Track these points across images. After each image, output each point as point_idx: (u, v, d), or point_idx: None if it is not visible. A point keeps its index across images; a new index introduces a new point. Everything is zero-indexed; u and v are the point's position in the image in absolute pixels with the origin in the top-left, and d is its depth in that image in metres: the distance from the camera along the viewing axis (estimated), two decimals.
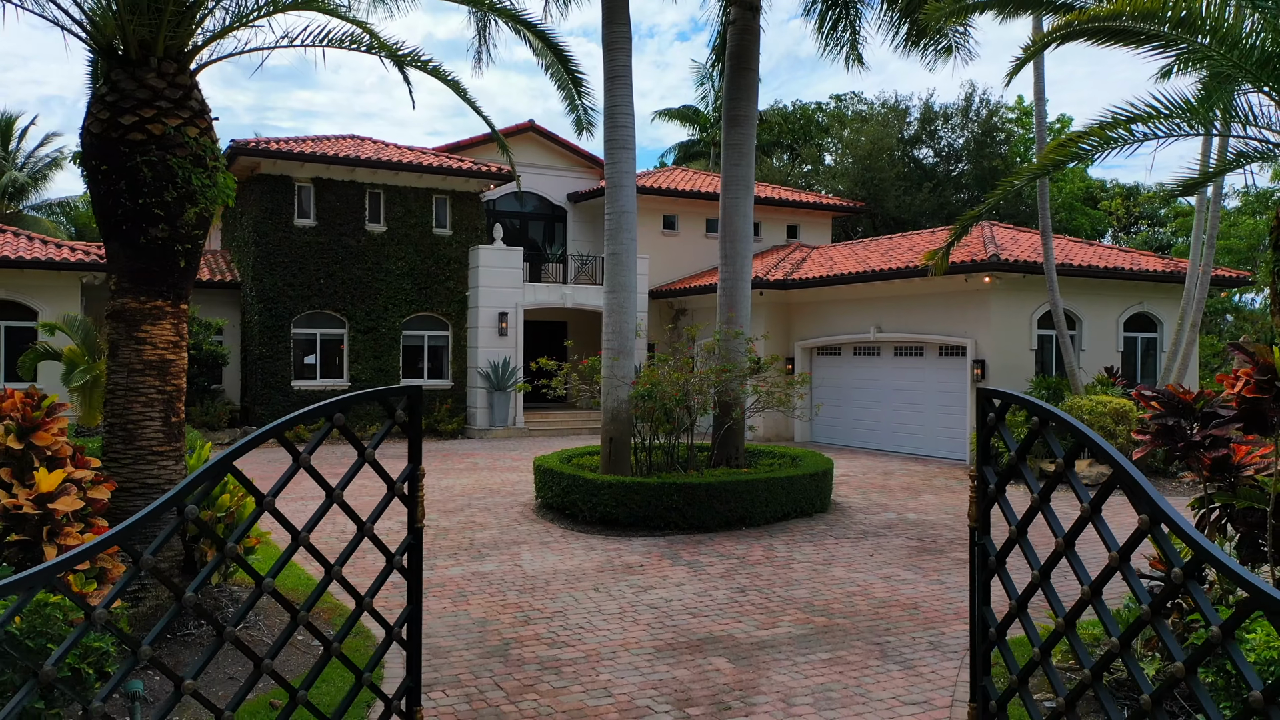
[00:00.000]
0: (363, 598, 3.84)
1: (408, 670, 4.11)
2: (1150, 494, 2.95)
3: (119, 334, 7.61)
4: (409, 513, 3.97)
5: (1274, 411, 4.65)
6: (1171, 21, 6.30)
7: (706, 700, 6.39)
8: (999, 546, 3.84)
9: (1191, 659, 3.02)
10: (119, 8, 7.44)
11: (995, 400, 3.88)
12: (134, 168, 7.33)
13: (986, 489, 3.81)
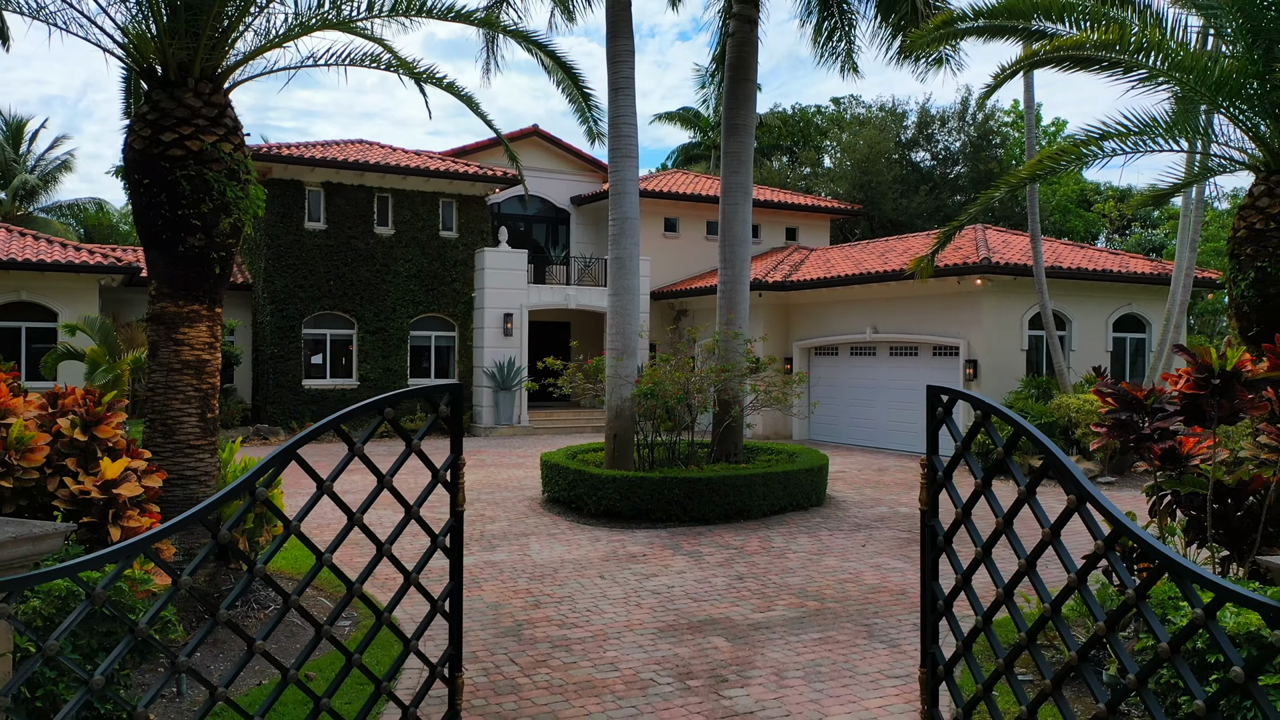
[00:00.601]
0: (410, 573, 4.39)
1: (450, 640, 4.64)
2: (1078, 478, 3.51)
3: (159, 336, 8.17)
4: (451, 498, 4.52)
5: (1211, 406, 5.20)
6: (1132, 50, 6.86)
7: (705, 674, 6.94)
8: (946, 527, 4.39)
9: (1111, 618, 3.58)
10: (160, 32, 8.01)
11: (942, 396, 4.43)
12: (173, 181, 7.88)
13: (935, 476, 4.36)
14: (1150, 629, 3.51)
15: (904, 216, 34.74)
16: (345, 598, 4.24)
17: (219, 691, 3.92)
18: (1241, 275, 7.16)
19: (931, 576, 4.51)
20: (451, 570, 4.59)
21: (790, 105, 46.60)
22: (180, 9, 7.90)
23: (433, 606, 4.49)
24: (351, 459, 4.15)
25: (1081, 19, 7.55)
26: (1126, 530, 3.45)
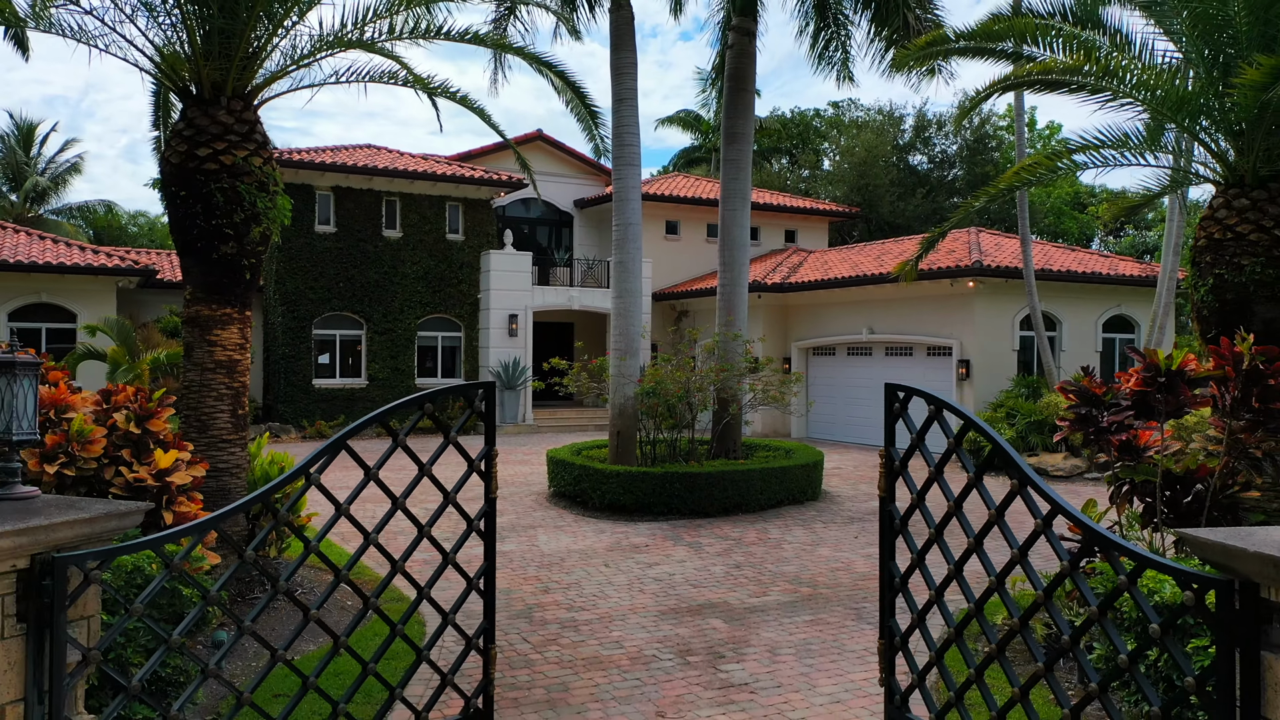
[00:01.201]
0: (448, 553, 4.96)
1: (485, 614, 5.20)
2: (1020, 464, 4.08)
3: (193, 337, 8.75)
4: (485, 485, 5.08)
5: (1158, 401, 5.75)
6: (1096, 74, 7.41)
7: (704, 651, 7.50)
8: (903, 512, 4.97)
9: (1048, 587, 4.15)
10: (195, 54, 8.57)
11: (899, 393, 5.01)
12: (208, 193, 8.45)
13: (893, 465, 4.94)
14: (1082, 595, 4.08)
15: (901, 219, 35.32)
16: (390, 573, 4.81)
17: (279, 653, 4.49)
18: (1201, 282, 7.72)
19: (889, 557, 5.09)
20: (486, 552, 5.15)
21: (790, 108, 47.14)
22: (214, 33, 8.47)
23: (469, 584, 5.05)
24: (395, 448, 4.71)
25: (1055, 41, 8.11)
26: (1061, 509, 4.03)
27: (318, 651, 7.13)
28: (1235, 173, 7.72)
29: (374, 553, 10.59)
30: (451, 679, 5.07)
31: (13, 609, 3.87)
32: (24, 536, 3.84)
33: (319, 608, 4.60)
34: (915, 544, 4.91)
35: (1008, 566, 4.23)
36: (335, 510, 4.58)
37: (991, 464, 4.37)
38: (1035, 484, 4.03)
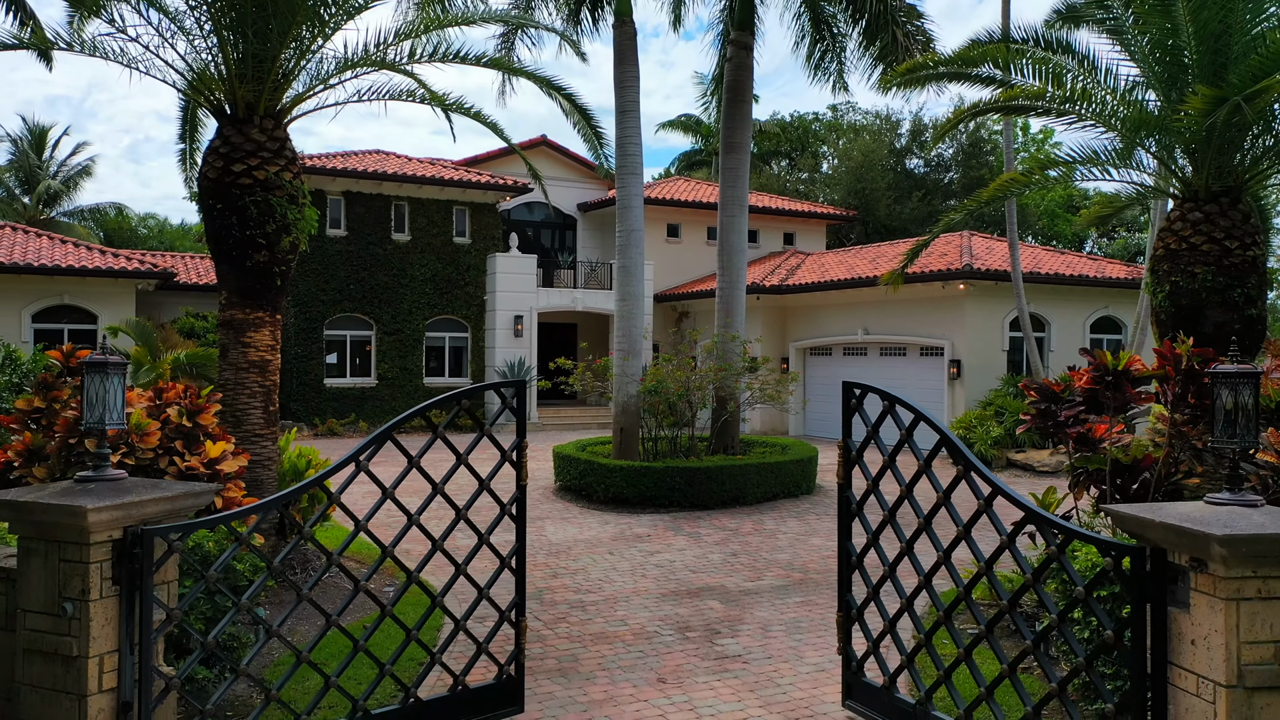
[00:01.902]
0: (483, 534, 5.63)
1: (516, 590, 5.86)
2: (964, 452, 4.76)
3: (228, 339, 9.42)
4: (516, 474, 5.75)
5: (1107, 398, 6.41)
6: (1059, 99, 8.08)
7: (702, 628, 8.18)
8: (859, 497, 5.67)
9: (989, 559, 4.83)
10: (230, 76, 9.25)
11: (856, 390, 5.70)
12: (243, 206, 9.12)
13: (850, 455, 5.63)
14: (1018, 566, 4.76)
15: (897, 221, 35.99)
16: (430, 551, 5.48)
17: (332, 619, 5.16)
18: (1159, 289, 8.38)
19: (845, 538, 5.79)
20: (517, 534, 5.82)
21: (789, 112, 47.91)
22: (248, 57, 9.15)
23: (502, 563, 5.73)
24: (435, 440, 5.38)
25: (1026, 65, 8.76)
26: (1000, 491, 4.71)
27: (361, 621, 7.85)
28: (1190, 188, 8.39)
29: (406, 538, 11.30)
30: (486, 647, 5.75)
31: (109, 573, 4.55)
32: (119, 511, 4.53)
33: (368, 579, 5.29)
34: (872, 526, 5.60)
35: (954, 542, 4.91)
36: (382, 494, 5.26)
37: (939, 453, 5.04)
38: (978, 469, 4.71)
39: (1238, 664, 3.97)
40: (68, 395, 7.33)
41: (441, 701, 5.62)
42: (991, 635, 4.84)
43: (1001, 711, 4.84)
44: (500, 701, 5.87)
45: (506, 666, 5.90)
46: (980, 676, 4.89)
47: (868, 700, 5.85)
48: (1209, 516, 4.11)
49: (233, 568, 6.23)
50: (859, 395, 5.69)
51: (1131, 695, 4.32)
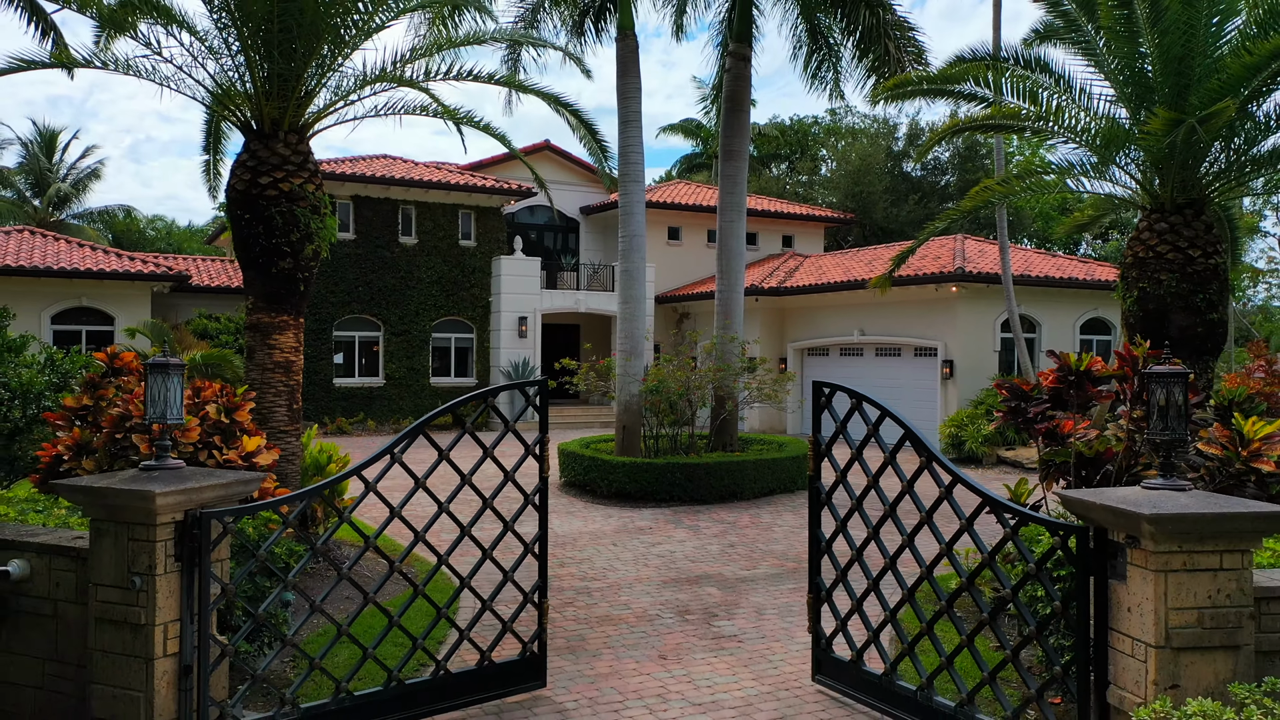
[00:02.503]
0: (508, 522, 6.20)
1: (539, 574, 6.42)
2: (927, 444, 5.34)
3: (255, 341, 10.02)
4: (539, 466, 6.31)
5: (1070, 396, 6.99)
6: (1032, 118, 8.67)
7: (700, 611, 8.76)
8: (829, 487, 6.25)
9: (949, 540, 5.41)
10: (257, 94, 9.84)
11: (825, 389, 6.28)
12: (269, 216, 9.71)
13: (819, 449, 6.20)
14: (977, 547, 5.35)
15: (894, 224, 36.57)
16: (459, 536, 6.06)
17: (370, 596, 5.74)
18: (1128, 294, 8.95)
19: (815, 525, 6.38)
20: (540, 522, 6.40)
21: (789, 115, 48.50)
22: (274, 76, 9.74)
23: (525, 548, 6.30)
24: (463, 435, 5.97)
25: (1004, 82, 9.34)
26: (960, 479, 5.30)
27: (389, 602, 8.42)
28: (1157, 200, 8.96)
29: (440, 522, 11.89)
30: (511, 626, 6.32)
31: (172, 550, 5.13)
32: (182, 495, 5.11)
33: (402, 560, 5.88)
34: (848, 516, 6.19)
35: (916, 527, 5.50)
36: (414, 484, 5.84)
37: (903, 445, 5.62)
38: (939, 460, 5.30)
39: (1166, 627, 4.55)
40: (112, 394, 7.92)
41: (469, 675, 6.19)
42: (952, 610, 5.42)
43: (961, 678, 5.42)
44: (524, 676, 6.43)
45: (530, 644, 6.46)
46: (941, 648, 5.48)
47: (837, 674, 6.43)
48: (1142, 499, 4.69)
49: (271, 551, 6.81)
50: (828, 394, 6.28)
51: (1077, 657, 4.90)
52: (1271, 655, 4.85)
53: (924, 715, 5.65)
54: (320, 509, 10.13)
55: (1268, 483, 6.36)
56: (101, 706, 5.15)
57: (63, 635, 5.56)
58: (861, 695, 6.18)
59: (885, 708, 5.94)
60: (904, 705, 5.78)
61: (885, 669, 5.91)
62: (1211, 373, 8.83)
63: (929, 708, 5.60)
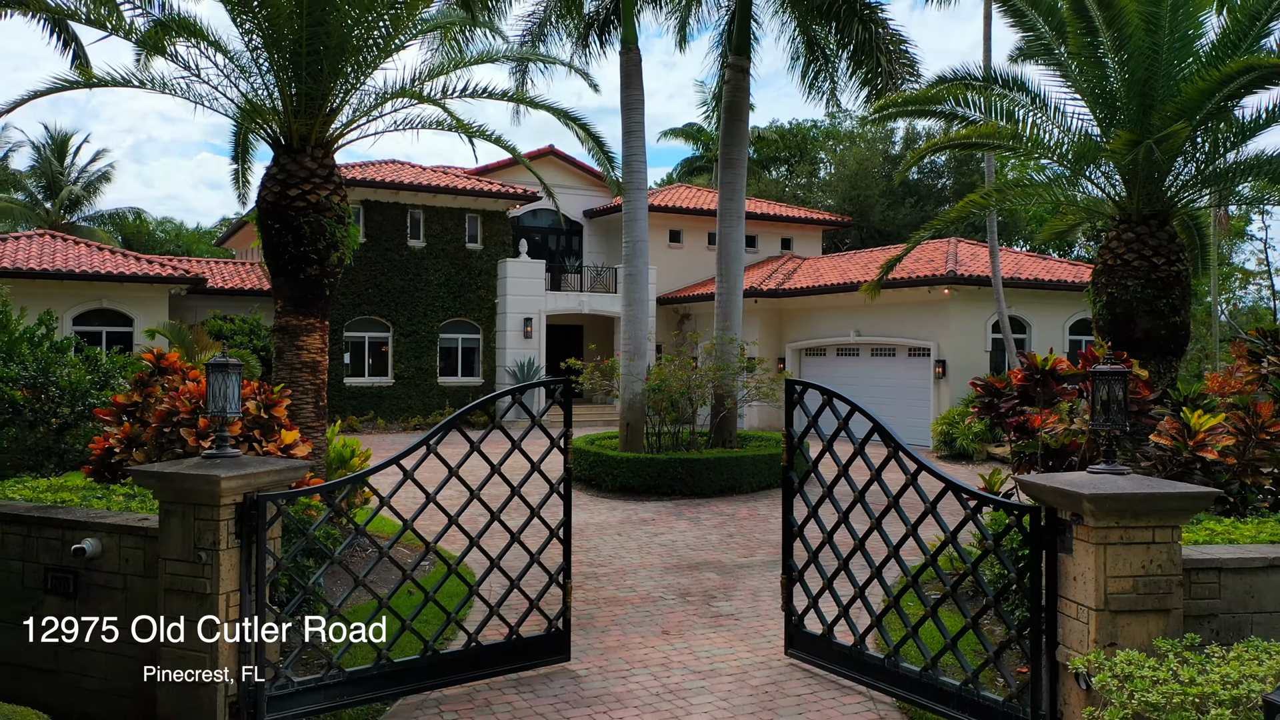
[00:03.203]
0: (535, 509, 6.87)
1: (564, 556, 7.05)
2: (894, 436, 6.02)
3: (284, 343, 10.70)
4: (564, 456, 6.96)
5: (1036, 393, 7.66)
6: (1005, 137, 9.35)
7: (700, 594, 9.45)
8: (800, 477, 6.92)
9: (915, 522, 6.09)
10: (286, 112, 10.53)
11: (798, 386, 6.95)
12: (297, 226, 10.40)
13: (792, 441, 6.88)
14: (940, 526, 6.02)
15: (891, 227, 37.26)
16: (489, 521, 6.73)
17: (408, 573, 6.42)
18: (1098, 299, 9.63)
19: (788, 511, 7.05)
20: (565, 508, 7.06)
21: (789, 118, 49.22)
22: (302, 95, 10.43)
23: (551, 534, 6.97)
24: (493, 429, 6.64)
25: (981, 100, 10.02)
26: (924, 467, 5.98)
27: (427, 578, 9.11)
28: (1125, 211, 9.64)
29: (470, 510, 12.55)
30: (537, 604, 6.99)
31: (233, 529, 5.81)
32: (242, 480, 5.80)
33: (437, 541, 6.56)
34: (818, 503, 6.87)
35: (884, 511, 6.19)
36: (448, 473, 6.52)
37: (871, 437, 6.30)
38: (905, 450, 5.99)
39: (1105, 594, 5.22)
40: (158, 392, 8.61)
41: (499, 647, 6.83)
42: (917, 585, 6.11)
43: (925, 647, 6.11)
44: (549, 650, 7.04)
45: (555, 621, 7.09)
46: (907, 619, 6.17)
47: (809, 648, 7.08)
48: (1085, 482, 5.37)
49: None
50: (800, 391, 6.96)
51: (1031, 621, 5.58)
52: (1201, 619, 5.52)
53: (892, 680, 6.32)
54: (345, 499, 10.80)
55: (1212, 470, 7.05)
56: (171, 665, 5.84)
57: (131, 605, 6.23)
58: (833, 665, 6.83)
59: (856, 675, 6.61)
60: (873, 672, 6.46)
61: (855, 641, 6.58)
62: (1175, 372, 9.50)
63: (896, 673, 6.28)
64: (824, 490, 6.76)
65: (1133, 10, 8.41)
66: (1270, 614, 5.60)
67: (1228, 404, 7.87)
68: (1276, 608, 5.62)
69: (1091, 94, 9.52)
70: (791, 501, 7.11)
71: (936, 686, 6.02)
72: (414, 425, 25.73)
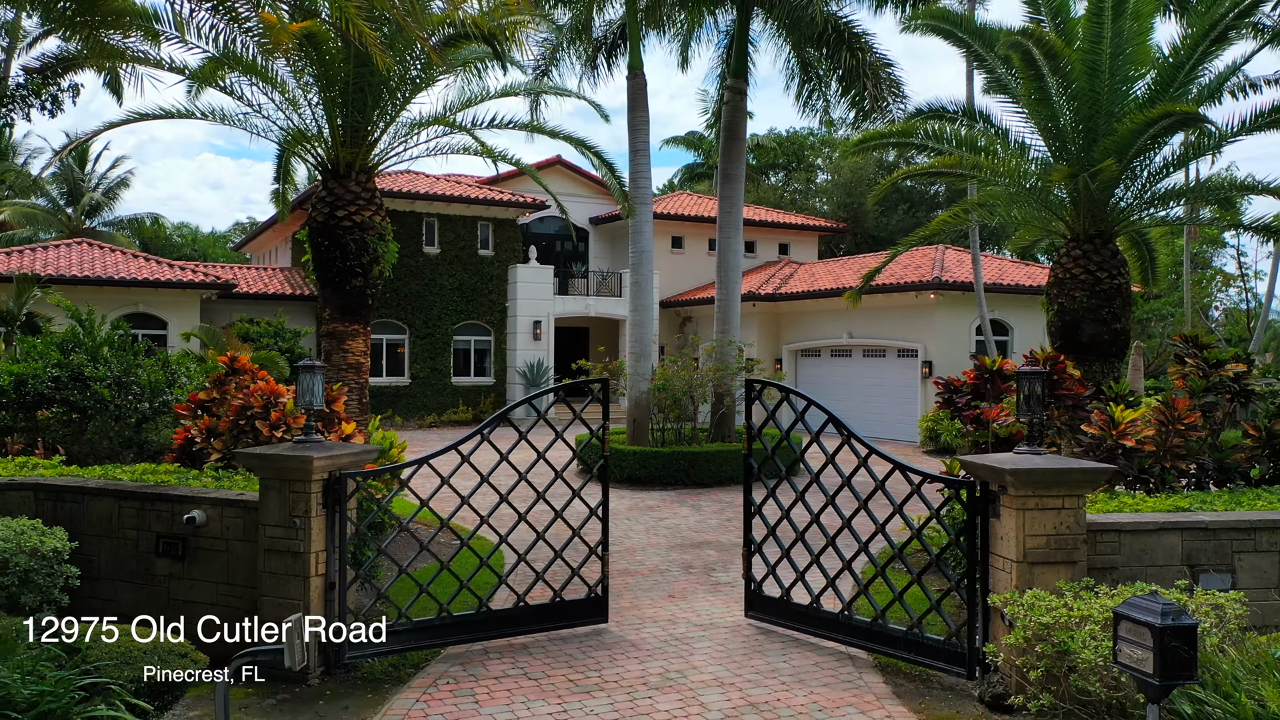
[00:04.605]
0: (576, 490, 8.20)
1: (602, 532, 8.32)
2: (846, 427, 7.36)
3: (331, 346, 12.06)
4: (602, 445, 8.24)
5: (986, 390, 8.99)
6: (965, 169, 10.71)
7: (701, 567, 10.79)
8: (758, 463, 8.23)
9: (865, 498, 7.42)
10: (334, 141, 11.89)
11: (756, 385, 8.28)
12: (345, 243, 11.76)
13: (751, 431, 8.20)
14: (888, 500, 7.36)
15: (885, 232, 38.64)
16: (534, 500, 8.05)
17: (465, 541, 7.76)
18: (1051, 307, 10.97)
19: (748, 492, 8.36)
20: (603, 490, 8.35)
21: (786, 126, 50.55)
22: (348, 127, 11.78)
23: (591, 512, 8.28)
24: (538, 421, 7.98)
25: (950, 131, 11.37)
26: (874, 451, 7.31)
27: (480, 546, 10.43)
28: (1073, 231, 11.00)
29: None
30: (579, 571, 8.27)
31: (320, 499, 7.15)
32: (328, 460, 7.14)
33: (490, 515, 7.91)
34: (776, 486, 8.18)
35: (838, 490, 7.53)
36: (499, 458, 7.86)
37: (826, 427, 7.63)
38: (856, 437, 7.33)
39: (1024, 549, 6.56)
40: (232, 389, 9.97)
41: (544, 607, 8.09)
42: (868, 550, 7.45)
43: (875, 600, 7.43)
44: (589, 613, 8.25)
45: (594, 588, 8.32)
46: (858, 578, 7.51)
47: (768, 609, 8.25)
48: (1009, 460, 6.71)
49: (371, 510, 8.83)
50: (759, 389, 8.30)
51: (968, 574, 6.92)
52: (1105, 570, 6.86)
53: (846, 631, 7.61)
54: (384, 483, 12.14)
55: (1132, 455, 8.39)
56: (270, 612, 7.17)
57: (233, 565, 7.58)
58: (790, 622, 8.02)
59: (813, 629, 7.84)
60: (829, 625, 7.73)
61: (811, 600, 7.87)
62: (1117, 371, 10.82)
63: (850, 625, 7.59)
64: (782, 473, 8.06)
65: (1075, 58, 9.74)
66: (1161, 567, 6.95)
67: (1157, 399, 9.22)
68: (1166, 562, 6.97)
69: (1045, 128, 10.87)
70: (751, 483, 8.42)
71: (886, 633, 7.34)
72: (429, 423, 27.07)
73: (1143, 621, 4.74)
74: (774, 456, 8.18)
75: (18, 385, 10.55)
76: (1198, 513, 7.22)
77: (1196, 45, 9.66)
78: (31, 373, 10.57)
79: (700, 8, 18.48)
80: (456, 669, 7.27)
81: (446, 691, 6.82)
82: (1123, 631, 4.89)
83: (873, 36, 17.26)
